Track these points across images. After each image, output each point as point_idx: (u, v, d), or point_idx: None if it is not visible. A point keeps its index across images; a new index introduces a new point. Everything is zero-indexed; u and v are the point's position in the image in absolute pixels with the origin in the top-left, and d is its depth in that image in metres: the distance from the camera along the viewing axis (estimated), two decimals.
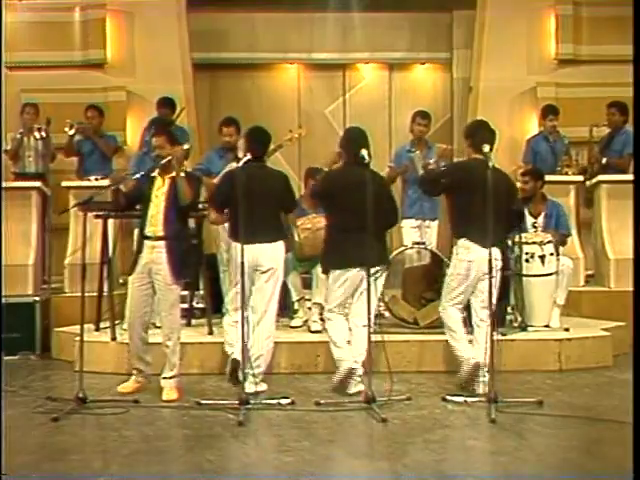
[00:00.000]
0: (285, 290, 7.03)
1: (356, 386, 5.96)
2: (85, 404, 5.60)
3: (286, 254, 6.37)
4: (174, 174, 5.97)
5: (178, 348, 6.04)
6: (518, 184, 7.39)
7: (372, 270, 5.76)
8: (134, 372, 6.14)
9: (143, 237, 5.99)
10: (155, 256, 5.92)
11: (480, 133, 6.18)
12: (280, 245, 6.13)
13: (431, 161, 7.98)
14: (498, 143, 6.30)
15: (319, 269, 7.22)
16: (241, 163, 5.85)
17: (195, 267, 6.92)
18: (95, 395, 5.80)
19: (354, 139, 6.18)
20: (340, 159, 6.32)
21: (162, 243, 5.91)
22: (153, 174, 6.08)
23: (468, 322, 6.16)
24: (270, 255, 6.02)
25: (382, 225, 6.06)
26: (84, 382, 5.71)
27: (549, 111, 9.14)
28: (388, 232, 6.57)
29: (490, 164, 5.73)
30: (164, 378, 6.00)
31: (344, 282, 6.05)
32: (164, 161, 5.98)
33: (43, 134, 8.83)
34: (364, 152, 5.84)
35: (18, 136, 8.94)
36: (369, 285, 5.72)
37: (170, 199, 5.96)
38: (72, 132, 8.81)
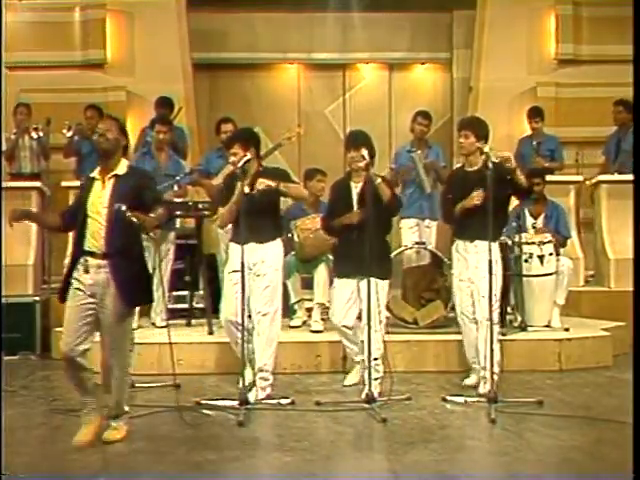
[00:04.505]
0: (285, 292, 7.01)
1: (353, 378, 6.17)
2: None
3: (286, 256, 6.32)
4: (117, 172, 4.89)
5: (126, 386, 4.98)
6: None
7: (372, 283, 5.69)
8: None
9: (84, 253, 4.76)
10: (101, 277, 4.74)
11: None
12: (278, 244, 5.99)
13: (429, 160, 8.04)
14: (498, 143, 6.28)
15: (320, 269, 7.23)
16: (240, 163, 5.83)
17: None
18: None
19: (345, 143, 6.12)
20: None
21: (107, 262, 4.71)
22: (92, 174, 5.06)
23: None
24: (266, 256, 5.88)
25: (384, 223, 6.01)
26: None
27: (534, 113, 9.11)
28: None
29: (490, 163, 5.73)
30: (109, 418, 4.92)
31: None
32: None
33: (41, 134, 8.80)
34: (364, 151, 5.82)
35: (12, 136, 8.92)
36: (369, 291, 5.68)
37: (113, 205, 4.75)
38: (70, 134, 8.78)
